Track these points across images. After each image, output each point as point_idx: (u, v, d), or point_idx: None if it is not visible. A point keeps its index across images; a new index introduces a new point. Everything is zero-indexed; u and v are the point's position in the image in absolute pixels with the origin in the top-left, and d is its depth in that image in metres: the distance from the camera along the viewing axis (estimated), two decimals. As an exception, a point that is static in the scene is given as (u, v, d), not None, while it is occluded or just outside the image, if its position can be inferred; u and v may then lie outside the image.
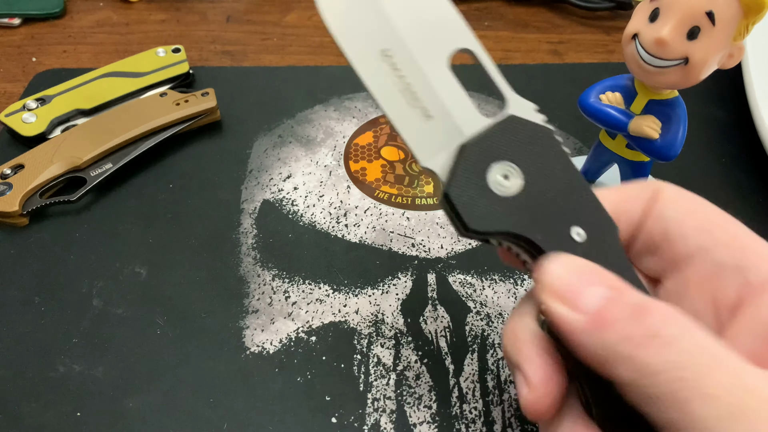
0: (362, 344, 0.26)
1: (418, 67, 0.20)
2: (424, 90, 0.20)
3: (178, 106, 0.35)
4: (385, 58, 0.20)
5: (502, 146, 0.19)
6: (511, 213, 0.18)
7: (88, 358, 0.26)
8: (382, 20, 0.20)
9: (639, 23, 0.23)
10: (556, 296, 0.16)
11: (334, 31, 0.19)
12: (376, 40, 0.20)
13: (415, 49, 0.20)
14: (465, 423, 0.24)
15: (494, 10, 0.49)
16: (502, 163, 0.18)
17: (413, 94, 0.20)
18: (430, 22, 0.20)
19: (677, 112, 0.25)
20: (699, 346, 0.14)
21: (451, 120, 0.20)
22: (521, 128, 0.19)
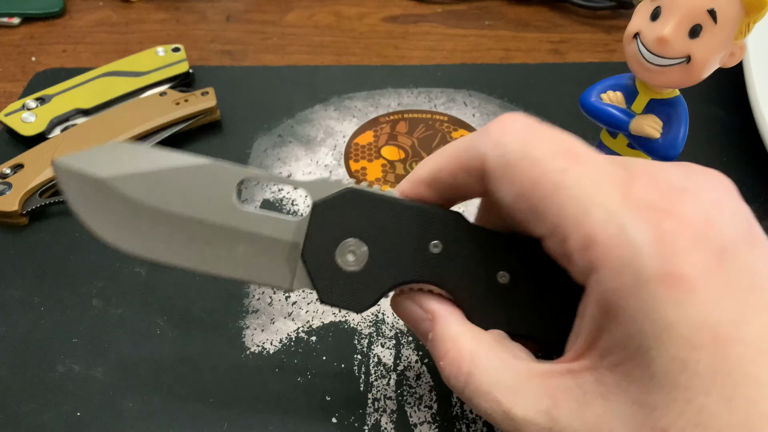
0: (363, 344, 0.26)
1: (219, 226, 0.20)
2: (241, 242, 0.20)
3: (178, 105, 0.35)
4: (192, 242, 0.20)
5: (322, 234, 0.20)
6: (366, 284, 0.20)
7: (88, 358, 0.26)
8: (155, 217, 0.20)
9: (640, 22, 0.23)
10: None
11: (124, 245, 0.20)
12: (172, 230, 0.20)
13: (204, 212, 0.20)
14: (465, 423, 0.24)
15: (495, 10, 0.49)
16: (344, 243, 0.20)
17: (238, 250, 0.20)
18: (190, 186, 0.21)
19: (678, 111, 0.25)
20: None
21: (278, 242, 0.20)
22: (330, 210, 0.20)
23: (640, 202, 0.16)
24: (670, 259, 0.15)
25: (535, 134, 0.18)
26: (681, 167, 0.17)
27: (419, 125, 0.37)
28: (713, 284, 0.15)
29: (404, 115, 0.38)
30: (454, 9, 0.49)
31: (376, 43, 0.45)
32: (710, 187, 0.16)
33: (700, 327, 0.14)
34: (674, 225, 0.15)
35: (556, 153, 0.17)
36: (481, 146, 0.18)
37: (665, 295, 0.15)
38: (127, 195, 0.20)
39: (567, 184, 0.16)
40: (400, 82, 0.40)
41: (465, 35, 0.46)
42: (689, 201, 0.16)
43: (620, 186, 0.16)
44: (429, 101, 0.39)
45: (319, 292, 0.20)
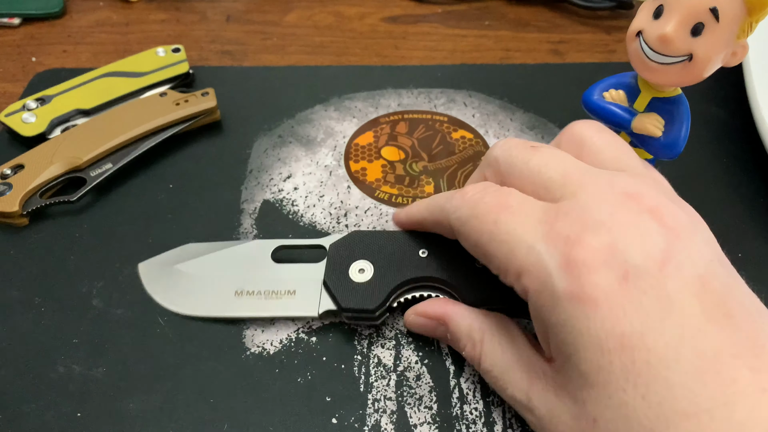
0: (363, 345, 0.26)
1: (260, 280, 0.27)
2: (279, 286, 0.27)
3: (178, 106, 0.35)
4: (238, 295, 0.27)
5: (338, 263, 0.26)
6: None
7: (89, 358, 0.26)
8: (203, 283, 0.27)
9: (643, 20, 0.23)
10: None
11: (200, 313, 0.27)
12: (223, 293, 0.27)
13: (248, 272, 0.28)
14: (465, 424, 0.24)
15: (494, 10, 0.49)
16: (354, 264, 0.26)
17: (274, 294, 0.27)
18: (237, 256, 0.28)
19: (680, 109, 0.25)
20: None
21: (306, 281, 0.27)
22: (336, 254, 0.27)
23: (557, 235, 0.19)
24: (576, 280, 0.18)
25: (481, 197, 0.22)
26: (624, 203, 0.19)
27: (419, 126, 0.37)
28: (615, 301, 0.18)
29: (404, 115, 0.38)
30: (454, 9, 0.49)
31: (376, 43, 0.45)
32: (634, 221, 0.19)
33: (606, 336, 0.18)
34: (582, 252, 0.18)
35: (492, 209, 0.21)
36: (448, 210, 0.24)
37: (574, 310, 0.18)
38: (189, 272, 0.28)
39: (499, 230, 0.21)
40: (400, 82, 0.40)
41: (465, 35, 0.46)
42: (601, 232, 0.19)
43: (543, 224, 0.20)
44: (429, 101, 0.39)
45: (339, 301, 0.25)
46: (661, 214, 0.19)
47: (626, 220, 0.19)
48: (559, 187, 0.21)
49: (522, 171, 0.22)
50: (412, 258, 0.26)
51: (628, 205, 0.19)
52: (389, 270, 0.26)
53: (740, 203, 0.32)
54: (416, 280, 0.26)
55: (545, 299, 0.19)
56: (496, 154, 0.24)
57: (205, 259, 0.28)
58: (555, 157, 0.22)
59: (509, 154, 0.23)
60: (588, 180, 0.20)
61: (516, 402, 0.21)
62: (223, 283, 0.27)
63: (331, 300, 0.26)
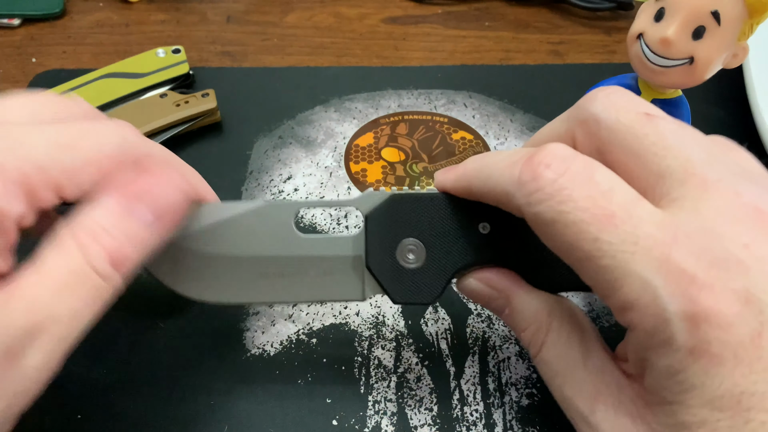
0: (363, 346, 0.26)
1: (288, 257, 0.23)
2: (310, 266, 0.22)
3: (179, 107, 0.35)
4: (264, 277, 0.23)
5: (381, 241, 0.22)
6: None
7: (88, 359, 0.26)
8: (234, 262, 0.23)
9: (644, 23, 0.23)
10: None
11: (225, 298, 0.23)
12: (247, 272, 0.23)
13: (272, 248, 0.23)
14: (466, 425, 0.24)
15: (494, 11, 0.49)
16: (402, 244, 0.22)
17: (307, 275, 0.22)
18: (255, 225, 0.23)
19: (681, 111, 0.25)
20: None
21: (342, 258, 0.22)
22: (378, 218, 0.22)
23: (678, 271, 0.15)
24: (702, 335, 0.15)
25: (570, 185, 0.17)
26: (758, 226, 0.16)
27: (419, 127, 0.37)
28: (743, 359, 0.15)
29: (404, 116, 0.38)
30: (453, 10, 0.49)
31: (377, 44, 0.45)
32: (766, 254, 0.15)
33: (723, 394, 0.15)
34: (712, 301, 0.15)
35: (588, 216, 0.16)
36: (515, 195, 0.18)
37: (691, 364, 0.15)
38: (199, 250, 0.22)
39: (601, 253, 0.16)
40: (401, 83, 0.40)
41: (465, 36, 0.46)
42: (737, 274, 0.15)
43: (660, 250, 0.16)
44: (429, 102, 0.39)
45: (390, 294, 0.22)
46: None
47: (763, 255, 0.15)
48: (678, 184, 0.17)
49: (633, 147, 0.17)
50: (470, 234, 0.22)
51: (762, 231, 0.16)
52: (444, 251, 0.22)
53: (740, 204, 0.32)
54: (478, 262, 0.22)
55: (656, 344, 0.16)
56: (596, 111, 0.19)
57: (218, 232, 0.23)
58: (676, 137, 0.17)
59: (616, 118, 0.18)
60: (712, 182, 0.16)
61: (571, 407, 0.19)
62: (244, 264, 0.23)
63: (378, 286, 0.22)
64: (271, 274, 0.23)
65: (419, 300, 0.22)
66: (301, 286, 0.23)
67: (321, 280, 0.22)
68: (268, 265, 0.23)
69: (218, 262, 0.23)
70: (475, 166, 0.20)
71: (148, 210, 0.19)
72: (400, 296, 0.22)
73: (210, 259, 0.23)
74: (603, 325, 0.27)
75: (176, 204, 0.20)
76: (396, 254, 0.22)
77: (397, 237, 0.22)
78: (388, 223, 0.22)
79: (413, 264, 0.22)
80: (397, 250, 0.22)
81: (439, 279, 0.22)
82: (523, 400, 0.25)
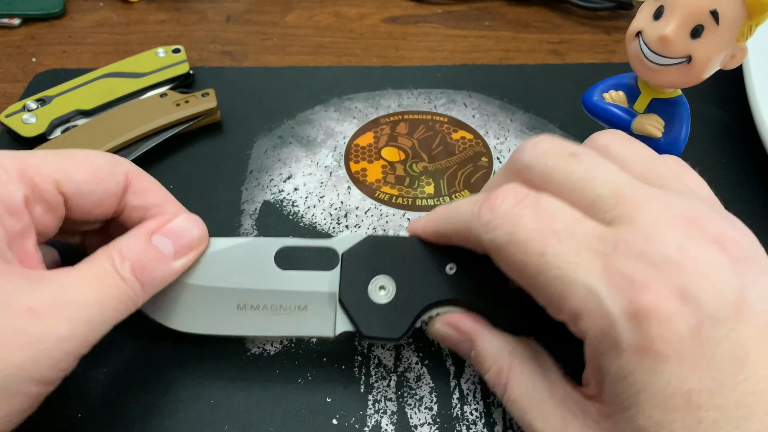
0: (363, 345, 0.26)
1: (265, 291, 0.24)
2: (286, 301, 0.24)
3: (179, 106, 0.35)
4: (240, 310, 0.24)
5: (354, 277, 0.23)
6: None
7: (89, 359, 0.25)
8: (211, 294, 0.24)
9: (643, 21, 0.23)
10: None
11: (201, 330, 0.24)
12: (224, 303, 0.24)
13: (250, 282, 0.24)
14: (466, 424, 0.24)
15: (494, 10, 0.49)
16: (374, 280, 0.23)
17: (282, 309, 0.24)
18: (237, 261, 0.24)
19: (680, 110, 0.25)
20: None
21: (317, 294, 0.24)
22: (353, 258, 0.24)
23: (620, 275, 0.17)
24: (643, 333, 0.16)
25: (518, 213, 0.19)
26: (689, 233, 0.17)
27: (419, 126, 0.37)
28: (686, 355, 0.16)
29: (404, 116, 0.38)
30: (453, 10, 0.49)
31: (377, 43, 0.45)
32: (705, 257, 0.17)
33: (672, 393, 0.16)
34: (651, 299, 0.16)
35: (535, 236, 0.18)
36: (476, 227, 0.20)
37: (638, 364, 0.16)
38: (178, 280, 0.23)
39: (548, 265, 0.18)
40: (400, 83, 0.40)
41: (465, 36, 0.46)
42: (672, 274, 0.16)
43: (601, 257, 0.17)
44: (429, 102, 0.39)
45: (359, 327, 0.22)
46: (725, 243, 0.17)
47: (695, 256, 0.17)
48: (610, 207, 0.18)
49: (563, 184, 0.19)
50: (438, 274, 0.23)
51: (693, 235, 0.17)
52: (414, 289, 0.23)
53: (740, 203, 0.32)
54: (444, 302, 0.23)
55: (606, 347, 0.17)
56: (526, 161, 0.20)
57: (199, 264, 0.24)
58: (601, 169, 0.19)
59: (544, 163, 0.20)
60: (643, 200, 0.18)
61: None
62: (222, 295, 0.24)
63: (349, 321, 0.23)
64: (248, 306, 0.24)
65: (387, 335, 0.22)
66: (276, 320, 0.23)
67: (295, 315, 0.23)
68: (246, 297, 0.24)
69: (197, 293, 0.24)
70: (442, 210, 0.23)
71: (170, 243, 0.23)
72: (368, 330, 0.22)
73: (189, 289, 0.24)
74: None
75: (194, 242, 0.24)
76: (368, 290, 0.23)
77: (370, 274, 0.23)
78: (362, 261, 0.23)
79: (383, 300, 0.23)
80: (369, 286, 0.23)
81: (407, 315, 0.22)
82: (522, 400, 0.25)
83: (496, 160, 0.35)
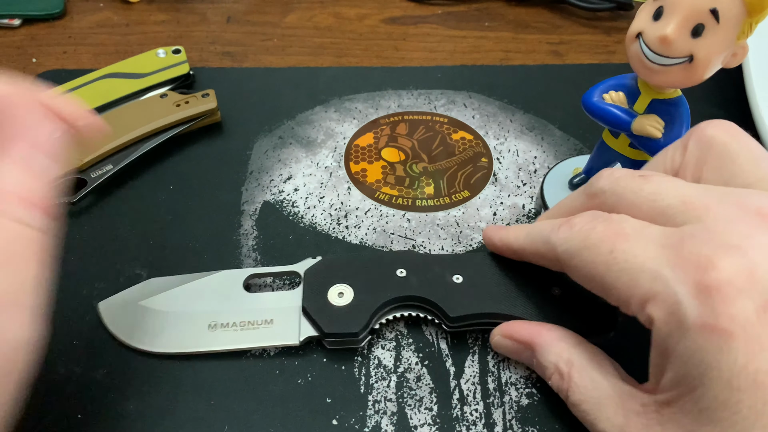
0: (363, 346, 0.26)
1: (234, 311, 0.26)
2: (254, 318, 0.26)
3: (179, 107, 0.35)
4: (211, 329, 0.26)
5: (315, 288, 0.26)
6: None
7: (89, 360, 0.26)
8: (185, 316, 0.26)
9: (643, 21, 0.23)
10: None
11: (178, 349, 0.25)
12: (195, 324, 0.26)
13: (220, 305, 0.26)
14: (466, 425, 0.24)
15: (494, 11, 0.49)
16: (333, 288, 0.26)
17: (250, 324, 0.26)
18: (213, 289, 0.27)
19: (680, 111, 0.25)
20: None
21: (282, 309, 0.26)
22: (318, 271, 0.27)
23: (686, 260, 0.17)
24: (709, 310, 0.17)
25: (592, 226, 0.21)
26: (760, 224, 0.18)
27: (419, 127, 0.37)
28: (752, 335, 0.16)
29: (404, 116, 0.38)
30: (453, 10, 0.49)
31: (376, 44, 0.45)
32: (766, 242, 0.17)
33: (738, 372, 0.16)
34: (717, 277, 0.17)
35: (605, 238, 0.20)
36: (555, 243, 0.22)
37: (705, 342, 0.17)
38: (153, 309, 0.26)
39: (617, 260, 0.19)
40: (400, 83, 0.40)
41: (465, 36, 0.46)
42: (736, 255, 0.17)
43: (667, 249, 0.18)
44: (429, 103, 0.39)
45: (321, 327, 0.25)
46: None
47: (763, 242, 0.17)
48: (679, 213, 0.19)
49: (633, 201, 0.21)
50: (390, 278, 0.26)
51: (762, 225, 0.18)
52: (369, 291, 0.25)
53: (740, 204, 0.32)
54: (397, 300, 0.26)
55: (673, 328, 0.17)
56: (601, 185, 0.22)
57: (172, 294, 0.27)
58: (669, 184, 0.20)
59: (617, 185, 0.21)
60: (712, 201, 0.19)
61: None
62: (194, 317, 0.26)
63: (312, 326, 0.25)
64: (219, 325, 0.26)
65: (347, 329, 0.24)
66: (244, 334, 0.25)
67: (262, 328, 0.26)
68: (216, 317, 0.26)
69: (169, 318, 0.26)
70: (521, 226, 0.25)
71: (44, 158, 0.20)
72: (329, 328, 0.25)
73: (161, 315, 0.26)
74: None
75: (61, 143, 0.21)
76: (328, 296, 0.25)
77: (330, 283, 0.26)
78: (322, 275, 0.26)
79: (343, 303, 0.25)
80: (329, 293, 0.25)
81: (364, 313, 0.25)
82: (522, 400, 0.25)
83: (495, 160, 0.35)
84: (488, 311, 0.25)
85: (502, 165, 0.35)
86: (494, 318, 0.25)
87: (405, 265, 0.26)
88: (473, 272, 0.26)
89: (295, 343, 0.25)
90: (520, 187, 0.34)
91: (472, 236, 0.31)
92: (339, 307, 0.25)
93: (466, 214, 0.32)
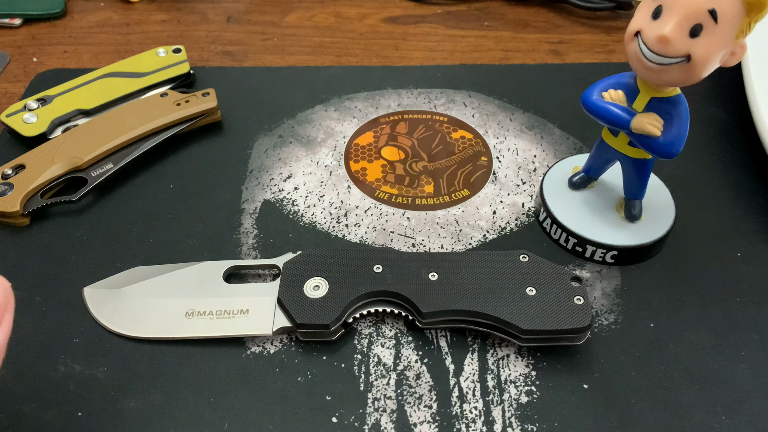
0: (363, 344, 0.26)
1: (212, 300, 0.27)
2: (230, 306, 0.26)
3: (179, 106, 0.35)
4: (188, 316, 0.26)
5: (292, 281, 0.26)
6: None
7: (89, 358, 0.26)
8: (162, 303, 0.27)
9: (642, 21, 0.23)
10: None
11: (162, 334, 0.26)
12: (174, 311, 0.26)
13: (199, 293, 0.27)
14: (465, 423, 0.24)
15: (494, 10, 0.49)
16: (309, 281, 0.26)
17: (226, 314, 0.26)
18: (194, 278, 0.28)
19: (679, 109, 0.25)
20: None
21: (258, 300, 0.27)
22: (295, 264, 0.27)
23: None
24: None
25: None
26: None
27: (419, 126, 0.37)
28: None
29: (404, 115, 0.38)
30: (453, 10, 0.49)
31: (377, 43, 0.45)
32: None
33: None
34: None
35: None
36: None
37: None
38: (137, 295, 0.27)
39: None
40: (400, 82, 0.40)
41: (465, 36, 0.46)
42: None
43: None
44: (429, 102, 0.39)
45: (294, 318, 0.25)
46: None
47: None
48: None
49: None
50: (366, 273, 0.26)
51: None
52: (344, 285, 0.26)
53: (740, 203, 0.33)
54: (371, 294, 0.26)
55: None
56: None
57: (154, 282, 0.27)
58: None
59: None
60: None
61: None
62: (172, 304, 0.27)
63: (286, 317, 0.25)
64: (196, 313, 0.26)
65: (319, 320, 0.25)
66: (220, 323, 0.26)
67: (238, 318, 0.26)
68: (194, 305, 0.26)
69: (149, 304, 0.27)
70: None
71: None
72: (302, 318, 0.25)
73: (142, 301, 0.27)
74: (602, 323, 0.27)
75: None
76: (304, 289, 0.26)
77: (306, 276, 0.26)
78: (300, 268, 0.27)
79: (318, 295, 0.26)
80: (305, 285, 0.26)
81: (338, 306, 0.25)
82: (522, 398, 0.25)
83: (495, 159, 0.35)
84: (461, 308, 0.25)
85: (502, 164, 0.35)
86: (467, 315, 0.25)
87: (382, 261, 0.27)
88: (449, 271, 0.26)
89: (268, 333, 0.25)
90: (519, 186, 0.34)
91: (472, 234, 0.31)
92: (313, 299, 0.25)
93: (466, 213, 0.32)
